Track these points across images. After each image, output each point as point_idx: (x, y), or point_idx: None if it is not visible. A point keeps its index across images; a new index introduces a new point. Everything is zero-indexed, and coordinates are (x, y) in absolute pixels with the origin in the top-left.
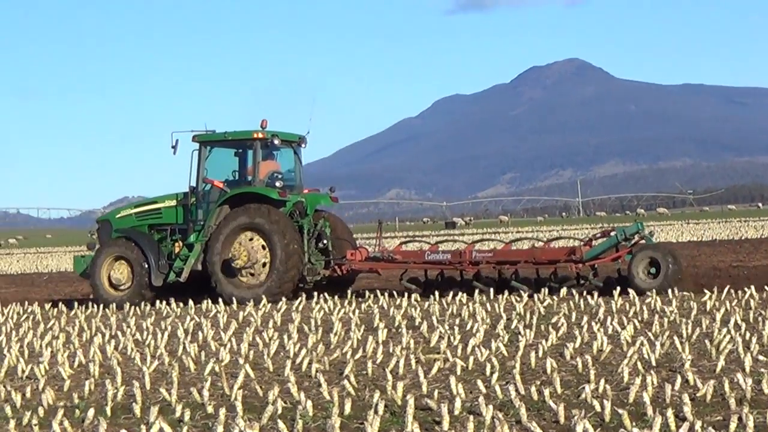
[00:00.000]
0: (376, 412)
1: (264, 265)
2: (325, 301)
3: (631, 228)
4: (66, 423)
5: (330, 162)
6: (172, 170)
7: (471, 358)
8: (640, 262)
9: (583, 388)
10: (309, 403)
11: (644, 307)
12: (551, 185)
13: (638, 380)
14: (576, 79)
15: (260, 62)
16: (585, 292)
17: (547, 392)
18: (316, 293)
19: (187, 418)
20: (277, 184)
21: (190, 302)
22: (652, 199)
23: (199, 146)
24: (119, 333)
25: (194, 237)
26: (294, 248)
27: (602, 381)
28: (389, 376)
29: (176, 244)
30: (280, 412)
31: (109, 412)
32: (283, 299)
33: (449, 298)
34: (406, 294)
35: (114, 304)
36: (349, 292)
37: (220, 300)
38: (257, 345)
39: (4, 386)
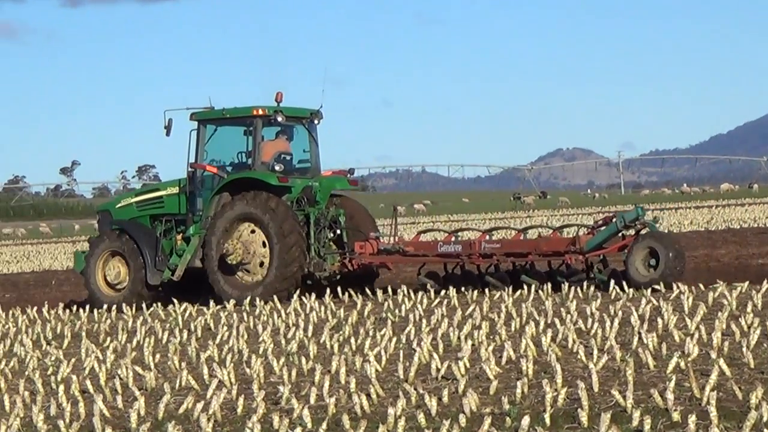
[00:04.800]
0: None
1: (263, 260)
2: None
3: (630, 214)
4: None
5: None
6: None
7: None
8: (638, 252)
9: None
10: None
11: None
12: None
13: None
14: None
15: None
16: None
17: None
18: (329, 290)
19: (647, 427)
20: (277, 167)
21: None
22: None
23: (198, 125)
24: (557, 321)
25: (193, 229)
26: (294, 241)
27: None
28: None
29: (178, 238)
30: (766, 419)
31: (548, 420)
32: None
33: None
34: None
35: (114, 306)
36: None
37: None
38: (733, 334)
39: (416, 388)
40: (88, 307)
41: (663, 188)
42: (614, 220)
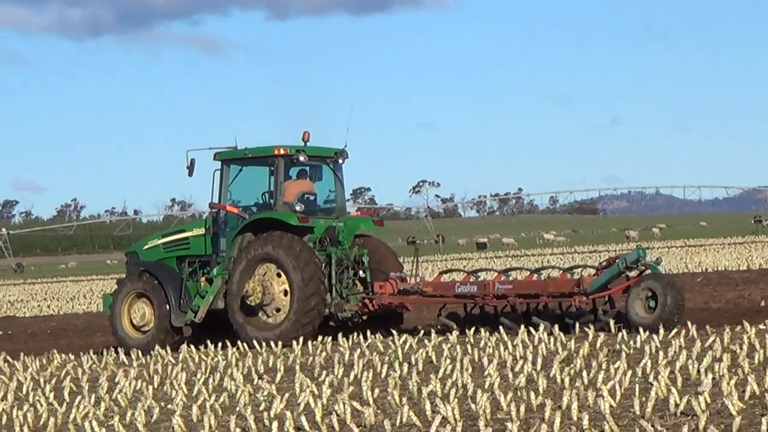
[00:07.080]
0: None
1: (283, 303)
2: None
3: (631, 255)
4: None
5: None
6: None
7: None
8: (638, 294)
9: None
10: None
11: None
12: None
13: None
14: None
15: None
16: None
17: None
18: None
19: None
20: (297, 207)
21: None
22: None
23: (221, 165)
24: None
25: (216, 270)
26: (315, 289)
27: None
28: None
29: (202, 279)
30: None
31: None
32: None
33: None
34: None
35: (139, 350)
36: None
37: None
38: None
39: (654, 425)
40: (302, 339)
41: None
42: (617, 261)
